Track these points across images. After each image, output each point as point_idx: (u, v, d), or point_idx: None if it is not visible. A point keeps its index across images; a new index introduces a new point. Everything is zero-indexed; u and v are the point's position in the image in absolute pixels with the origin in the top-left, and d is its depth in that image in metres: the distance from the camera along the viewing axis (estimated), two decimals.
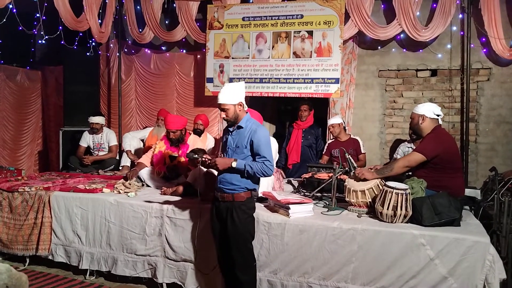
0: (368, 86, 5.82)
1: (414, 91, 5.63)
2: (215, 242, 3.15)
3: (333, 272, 3.04)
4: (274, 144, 4.15)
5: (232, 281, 3.06)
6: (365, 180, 3.31)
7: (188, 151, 3.58)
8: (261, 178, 3.12)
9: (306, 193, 3.94)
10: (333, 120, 5.29)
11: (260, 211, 3.27)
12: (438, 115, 3.43)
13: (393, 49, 5.66)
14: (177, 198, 3.81)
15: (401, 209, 2.96)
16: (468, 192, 3.68)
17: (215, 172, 3.14)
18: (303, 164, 5.27)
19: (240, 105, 2.97)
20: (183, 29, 6.21)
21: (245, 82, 3.13)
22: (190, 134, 4.64)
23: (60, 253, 3.95)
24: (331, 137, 5.44)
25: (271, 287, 3.23)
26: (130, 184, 4.14)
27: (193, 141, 4.52)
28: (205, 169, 3.30)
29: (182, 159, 4.31)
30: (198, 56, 6.46)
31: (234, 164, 2.86)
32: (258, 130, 2.92)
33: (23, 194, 4.04)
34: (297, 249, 3.14)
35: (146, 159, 4.52)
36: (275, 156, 4.12)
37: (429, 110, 3.41)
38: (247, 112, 3.06)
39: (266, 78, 5.76)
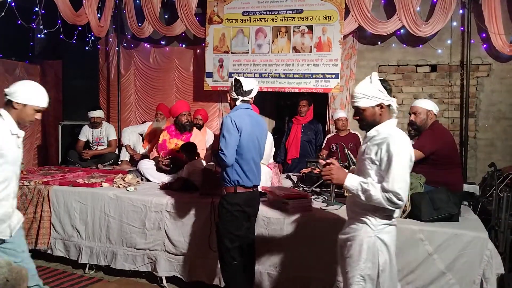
0: None
1: (414, 86, 5.63)
2: None
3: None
4: (268, 138, 4.15)
5: None
6: None
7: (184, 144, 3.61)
8: (261, 173, 3.14)
9: (305, 188, 3.95)
10: (341, 113, 5.28)
11: (260, 206, 3.27)
12: (437, 112, 3.45)
13: (393, 45, 5.65)
14: (176, 193, 3.81)
15: None
16: (467, 187, 3.69)
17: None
18: (302, 159, 5.27)
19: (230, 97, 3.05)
20: (182, 23, 6.19)
21: (245, 77, 3.12)
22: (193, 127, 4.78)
23: (59, 247, 3.96)
24: (334, 131, 5.44)
25: (272, 280, 3.25)
26: (129, 178, 4.15)
27: (195, 134, 4.63)
28: (204, 164, 3.31)
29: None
30: (198, 50, 6.44)
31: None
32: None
33: (22, 188, 4.04)
34: (296, 244, 3.15)
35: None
36: (271, 150, 4.10)
37: (434, 107, 3.42)
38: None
39: (265, 73, 5.75)
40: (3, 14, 4.84)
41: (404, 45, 5.59)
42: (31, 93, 2.42)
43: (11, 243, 2.47)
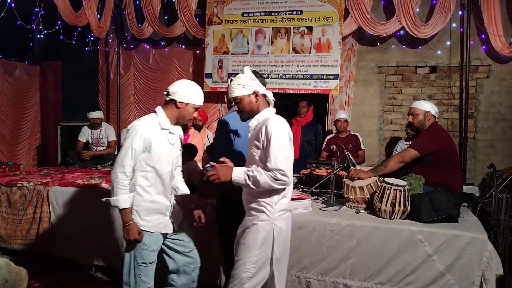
0: (367, 82, 5.82)
1: (413, 87, 5.64)
2: None
3: (332, 267, 3.05)
4: None
5: None
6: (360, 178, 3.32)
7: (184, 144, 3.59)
8: None
9: (304, 189, 3.95)
10: (343, 115, 5.27)
11: None
12: (436, 114, 3.45)
13: (393, 46, 5.66)
14: None
15: (399, 205, 2.97)
16: (466, 188, 3.68)
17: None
18: (301, 160, 5.27)
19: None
20: (182, 24, 6.20)
21: None
22: (191, 127, 4.72)
23: (59, 248, 3.95)
24: (335, 132, 5.43)
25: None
26: None
27: (192, 134, 4.60)
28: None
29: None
30: (197, 51, 6.45)
31: None
32: None
33: (21, 189, 4.04)
34: (296, 244, 3.14)
35: None
36: None
37: (433, 108, 3.42)
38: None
39: (265, 74, 5.75)
40: (2, 14, 4.84)
41: (404, 46, 5.60)
42: (192, 93, 2.52)
43: (179, 234, 2.68)
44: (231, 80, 2.43)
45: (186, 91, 2.50)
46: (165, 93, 2.55)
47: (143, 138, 2.41)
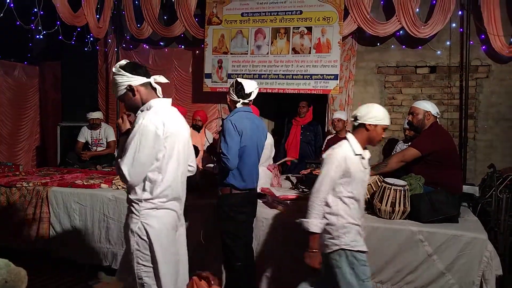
0: (367, 82, 5.82)
1: (413, 87, 5.63)
2: None
3: None
4: (269, 139, 4.14)
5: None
6: None
7: None
8: (260, 175, 3.14)
9: (304, 190, 3.94)
10: (339, 114, 5.26)
11: (259, 207, 3.27)
12: (437, 114, 3.45)
13: (392, 46, 5.65)
14: None
15: (399, 205, 2.97)
16: (466, 189, 3.68)
17: None
18: (301, 161, 5.27)
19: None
20: (181, 24, 6.19)
21: (244, 78, 3.13)
22: (190, 127, 4.71)
23: (58, 248, 3.95)
24: (334, 132, 5.43)
25: (269, 281, 3.24)
26: None
27: (191, 135, 4.59)
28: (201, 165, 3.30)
29: None
30: (197, 51, 6.45)
31: None
32: None
33: (21, 190, 4.03)
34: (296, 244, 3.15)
35: None
36: (271, 151, 4.09)
37: (433, 108, 3.42)
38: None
39: (264, 74, 5.75)
40: (1, 15, 4.83)
41: (404, 47, 5.60)
42: (380, 114, 2.54)
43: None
44: None
45: (374, 113, 2.52)
46: (351, 119, 2.59)
47: (340, 166, 2.44)
